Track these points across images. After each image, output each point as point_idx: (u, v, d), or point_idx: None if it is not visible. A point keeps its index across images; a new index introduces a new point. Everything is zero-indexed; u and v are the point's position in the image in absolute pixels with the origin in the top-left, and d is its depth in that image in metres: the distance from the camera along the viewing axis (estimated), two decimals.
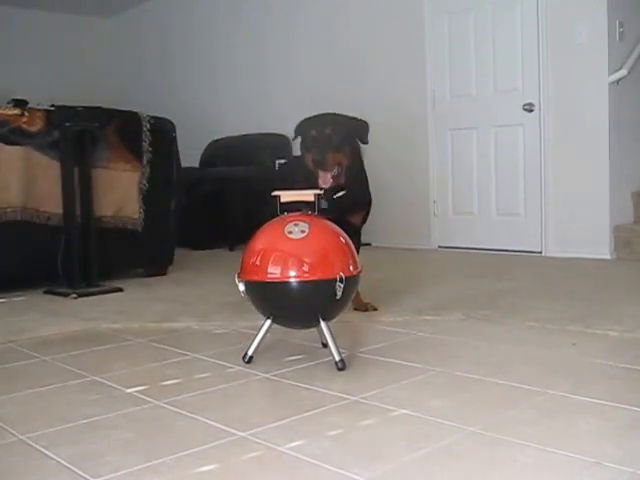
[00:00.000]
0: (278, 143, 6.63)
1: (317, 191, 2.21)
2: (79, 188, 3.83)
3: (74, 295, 3.61)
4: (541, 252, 4.81)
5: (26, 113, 3.76)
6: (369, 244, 5.94)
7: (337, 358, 2.07)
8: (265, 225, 2.18)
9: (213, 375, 2.10)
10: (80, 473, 1.39)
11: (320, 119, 2.89)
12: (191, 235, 5.92)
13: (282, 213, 2.20)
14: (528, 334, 2.52)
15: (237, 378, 2.06)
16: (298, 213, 2.17)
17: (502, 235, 5.04)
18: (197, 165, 7.27)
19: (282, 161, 6.33)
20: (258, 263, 2.09)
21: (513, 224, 4.98)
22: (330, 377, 2.02)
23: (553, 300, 3.14)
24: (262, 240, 2.15)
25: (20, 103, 3.88)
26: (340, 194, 2.77)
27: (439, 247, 5.48)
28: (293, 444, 1.51)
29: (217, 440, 1.55)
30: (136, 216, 4.21)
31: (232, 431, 1.60)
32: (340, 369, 2.06)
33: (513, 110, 4.91)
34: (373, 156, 5.96)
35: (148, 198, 4.26)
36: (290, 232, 2.08)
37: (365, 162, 3.09)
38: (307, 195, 2.20)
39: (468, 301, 3.16)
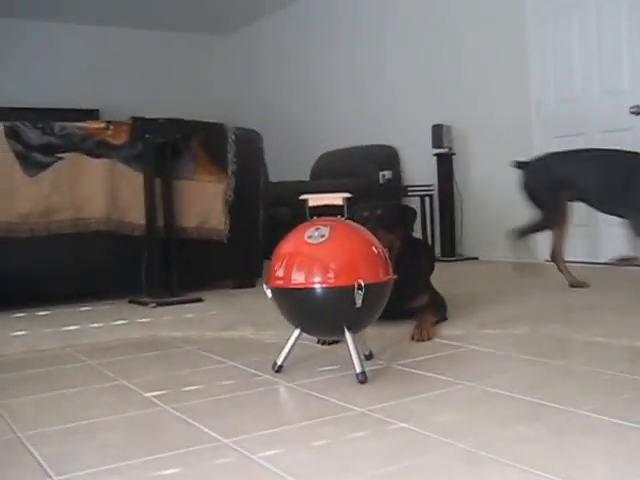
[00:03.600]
0: (384, 155, 6.61)
1: (346, 194, 2.17)
2: (162, 199, 3.97)
3: (152, 304, 3.74)
4: None
5: (111, 126, 3.95)
6: (476, 258, 5.80)
7: (358, 370, 2.01)
8: (292, 230, 2.17)
9: (236, 383, 2.11)
10: (47, 470, 1.43)
11: (371, 204, 2.89)
12: None
13: (312, 218, 2.18)
14: (588, 349, 2.36)
15: (257, 386, 2.05)
16: (325, 217, 2.15)
17: (612, 247, 4.74)
18: (307, 178, 7.39)
19: (386, 172, 6.30)
20: (280, 269, 2.08)
21: (623, 236, 4.68)
22: (351, 389, 1.97)
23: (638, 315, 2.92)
24: (285, 245, 2.13)
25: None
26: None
27: (546, 261, 5.23)
28: (268, 453, 1.48)
29: (197, 445, 1.54)
30: (221, 227, 4.30)
31: (218, 437, 1.59)
32: (361, 382, 2.00)
33: (620, 114, 4.63)
34: (475, 168, 5.85)
35: (234, 209, 4.35)
36: (310, 237, 2.06)
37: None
38: (335, 198, 2.17)
39: (541, 314, 2.99)
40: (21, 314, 3.64)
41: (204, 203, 4.23)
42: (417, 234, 5.61)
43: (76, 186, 3.85)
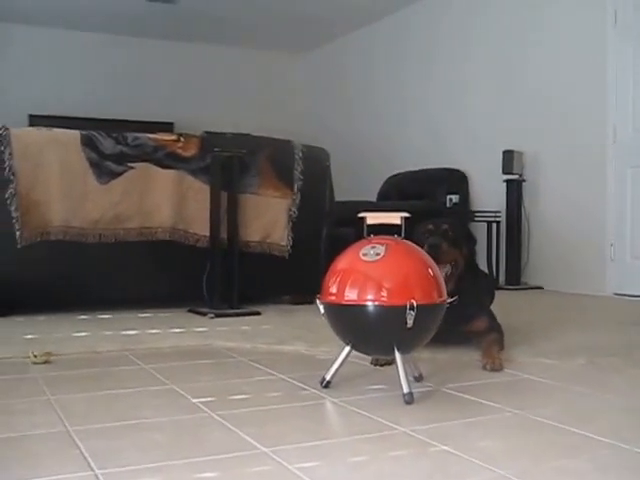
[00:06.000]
0: (452, 178, 6.59)
1: (404, 214, 2.18)
2: (226, 212, 4.04)
3: (211, 315, 3.80)
4: None
5: (182, 139, 4.06)
6: (541, 288, 5.71)
7: (405, 390, 2.01)
8: (348, 247, 2.19)
9: (282, 395, 2.14)
10: (91, 464, 1.48)
11: (438, 220, 2.88)
12: None
13: (368, 235, 2.20)
14: None
15: (303, 400, 2.07)
16: (382, 236, 2.16)
17: None
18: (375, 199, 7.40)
19: (454, 196, 6.28)
20: (334, 285, 2.10)
21: None
22: (396, 408, 1.97)
23: None
24: (340, 262, 2.16)
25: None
26: (450, 301, 2.30)
27: (615, 294, 5.12)
28: (305, 464, 1.50)
29: (237, 452, 1.58)
30: (284, 243, 4.35)
31: (258, 446, 1.62)
32: (407, 402, 2.00)
33: None
34: (545, 196, 5.77)
35: (297, 226, 4.39)
36: (365, 254, 2.08)
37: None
38: (393, 217, 2.19)
39: (601, 348, 2.93)
40: (84, 316, 3.76)
41: (268, 218, 4.29)
42: (481, 260, 5.58)
43: (145, 195, 3.96)
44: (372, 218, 2.22)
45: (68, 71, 8.36)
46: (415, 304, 1.98)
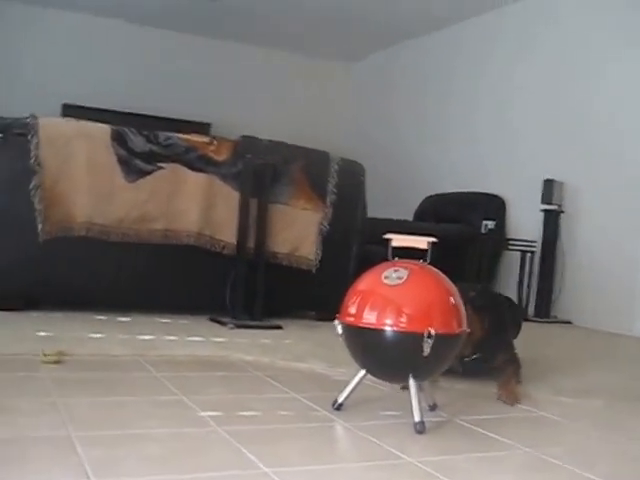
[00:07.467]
0: (490, 204, 6.55)
1: (431, 239, 2.18)
2: (255, 221, 4.05)
3: (231, 325, 3.82)
4: None
5: (215, 142, 4.09)
6: (570, 322, 5.65)
7: (417, 419, 2.01)
8: (371, 268, 2.20)
9: (293, 414, 2.14)
10: (88, 472, 1.49)
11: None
12: None
13: (394, 258, 2.20)
14: None
15: (313, 421, 2.08)
16: (407, 260, 2.17)
17: None
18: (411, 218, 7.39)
19: (489, 222, 6.24)
20: (353, 306, 2.11)
21: None
22: (406, 437, 1.96)
23: None
24: (361, 283, 2.17)
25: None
26: (473, 357, 2.68)
27: None
28: None
29: (238, 470, 1.58)
30: (312, 257, 4.33)
31: (259, 465, 1.62)
32: (418, 432, 1.99)
33: None
34: (583, 229, 5.72)
35: (327, 241, 4.38)
36: (387, 277, 2.08)
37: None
38: (419, 242, 2.19)
39: (622, 390, 2.90)
40: (102, 317, 3.78)
41: (298, 230, 4.28)
42: (511, 289, 5.54)
43: (172, 197, 3.98)
44: (397, 240, 2.22)
45: (106, 62, 8.42)
46: (433, 332, 1.98)
